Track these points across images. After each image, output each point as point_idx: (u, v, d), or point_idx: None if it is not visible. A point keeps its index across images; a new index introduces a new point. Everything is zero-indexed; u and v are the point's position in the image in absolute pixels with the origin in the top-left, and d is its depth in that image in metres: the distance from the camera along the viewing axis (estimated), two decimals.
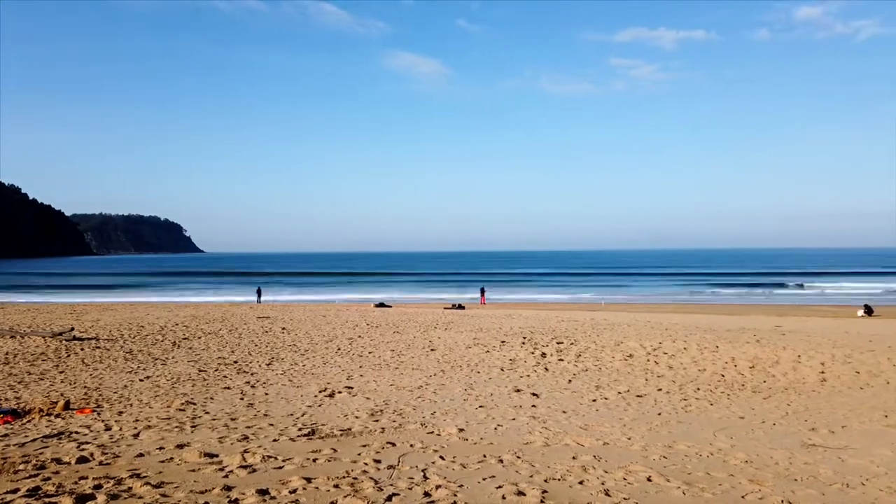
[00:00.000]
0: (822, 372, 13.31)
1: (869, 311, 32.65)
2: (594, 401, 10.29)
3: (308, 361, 14.24)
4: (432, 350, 16.31)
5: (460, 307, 36.50)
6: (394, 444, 7.05)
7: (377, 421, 8.35)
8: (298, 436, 7.39)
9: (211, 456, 6.33)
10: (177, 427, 7.73)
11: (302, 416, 8.66)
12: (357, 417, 8.57)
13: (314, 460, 6.30)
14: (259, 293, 45.47)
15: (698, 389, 11.53)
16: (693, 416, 9.28)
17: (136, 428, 7.63)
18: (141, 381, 11.42)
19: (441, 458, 6.51)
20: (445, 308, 35.69)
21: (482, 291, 44.97)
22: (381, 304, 38.03)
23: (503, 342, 17.64)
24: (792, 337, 19.23)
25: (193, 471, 5.82)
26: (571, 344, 17.24)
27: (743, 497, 5.45)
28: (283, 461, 6.22)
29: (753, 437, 7.95)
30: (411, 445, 7.03)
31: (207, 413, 8.70)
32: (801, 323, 26.04)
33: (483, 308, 37.72)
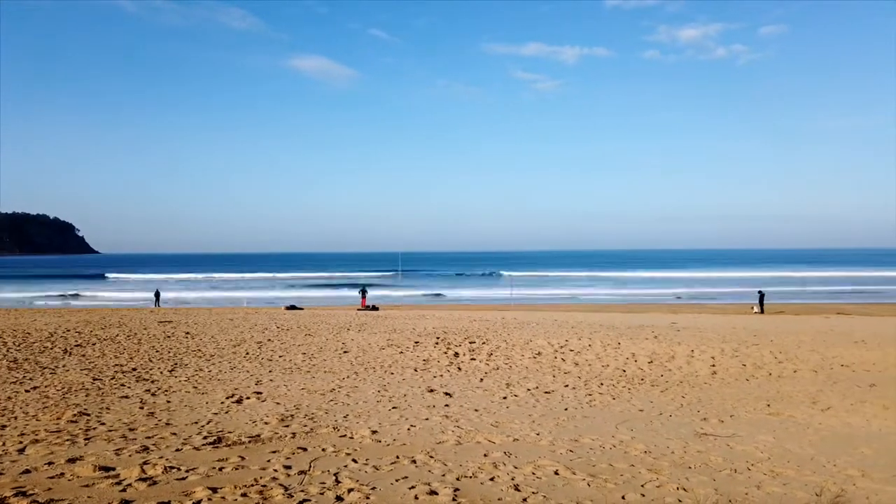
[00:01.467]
0: (713, 365, 14.27)
1: (761, 303, 35.25)
2: (505, 398, 10.54)
3: (214, 367, 13.71)
4: (345, 352, 16.13)
5: (374, 308, 36.30)
6: (305, 449, 6.92)
7: (288, 426, 8.17)
8: (203, 444, 7.11)
9: (107, 469, 5.97)
10: (68, 440, 7.23)
11: (207, 423, 8.33)
12: (266, 423, 8.35)
13: (220, 469, 6.08)
14: (157, 296, 43.13)
15: (602, 384, 12.05)
16: (597, 410, 9.71)
17: (21, 442, 7.06)
18: (27, 391, 10.58)
19: (354, 461, 6.46)
20: (359, 309, 35.38)
21: (363, 293, 40.84)
22: (293, 307, 37.18)
23: (417, 343, 17.72)
24: (686, 333, 20.51)
25: (87, 486, 5.47)
26: (483, 343, 17.57)
27: (642, 486, 5.77)
28: (187, 472, 5.96)
29: (652, 429, 8.42)
30: (323, 449, 6.93)
31: (103, 424, 8.18)
32: (694, 319, 27.80)
33: (399, 309, 37.68)
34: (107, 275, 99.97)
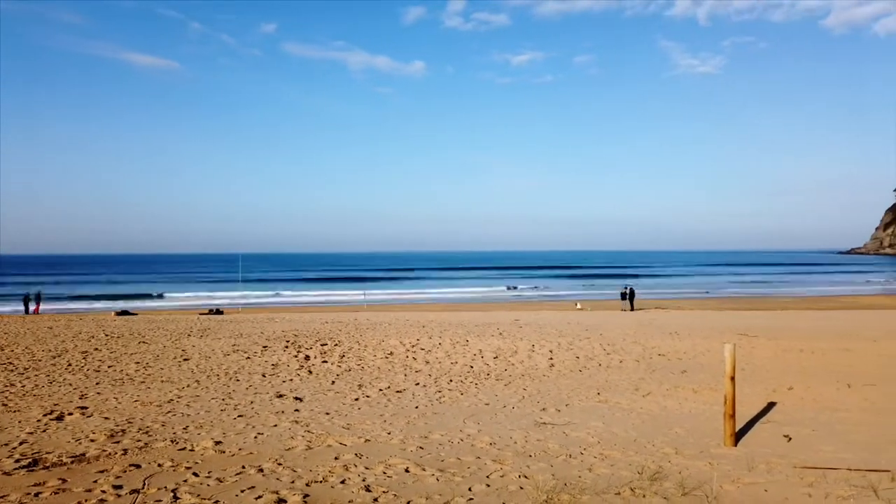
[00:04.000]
0: (551, 359, 15.30)
1: (625, 297, 37.19)
2: (357, 400, 10.51)
3: (28, 381, 12.21)
4: (185, 360, 15.13)
5: (218, 312, 34.42)
6: (139, 466, 6.41)
7: (118, 442, 7.51)
8: (16, 468, 6.32)
9: None
10: None
11: (20, 444, 7.40)
12: (93, 440, 7.60)
13: (37, 495, 5.45)
14: (27, 302, 36.13)
15: (451, 381, 12.44)
16: (446, 406, 10.01)
17: None
18: None
19: (195, 474, 6.10)
20: (201, 314, 33.32)
21: (37, 299, 36.41)
22: (125, 312, 34.16)
23: (265, 347, 17.08)
24: (527, 329, 21.78)
25: None
26: (335, 345, 17.37)
27: (488, 476, 6.06)
28: None
29: (496, 421, 8.85)
30: (159, 465, 6.47)
31: None
32: (534, 316, 29.60)
33: (243, 313, 35.98)
34: None
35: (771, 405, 9.79)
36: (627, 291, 37.21)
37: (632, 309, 35.42)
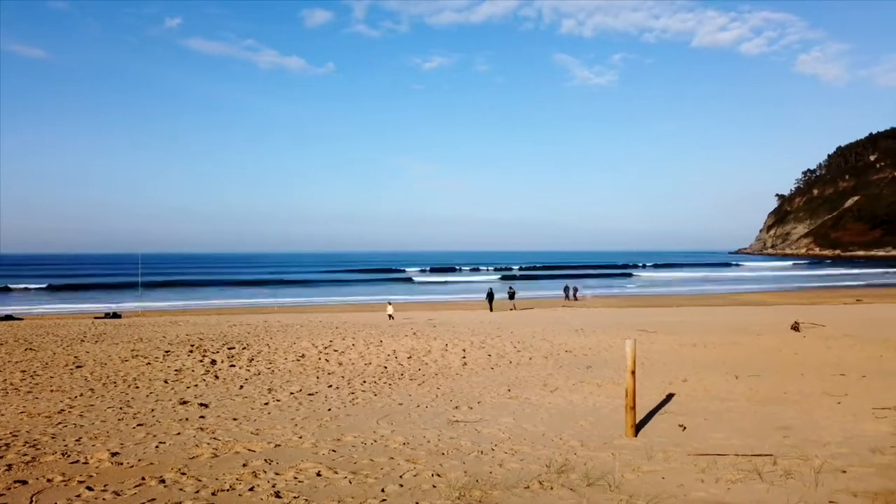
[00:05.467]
0: (464, 357, 15.52)
1: (511, 296, 38.96)
2: (266, 404, 10.23)
3: None
4: (78, 367, 14.15)
5: (116, 316, 32.45)
6: (25, 483, 5.95)
7: (0, 458, 6.92)
8: None
9: None
10: None
11: None
12: None
13: None
14: None
15: (364, 382, 12.36)
16: (359, 407, 9.93)
17: None
18: None
19: (89, 489, 5.73)
20: (96, 318, 31.29)
21: None
22: (8, 317, 31.53)
23: (168, 352, 16.27)
24: (441, 328, 21.98)
25: None
26: (244, 348, 16.81)
27: (401, 476, 6.07)
28: None
29: (410, 421, 8.88)
30: (49, 480, 6.03)
31: None
32: (448, 315, 29.92)
33: (144, 316, 34.11)
34: None
35: (668, 397, 10.40)
36: (489, 293, 37.55)
37: (490, 310, 34.93)
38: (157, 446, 7.44)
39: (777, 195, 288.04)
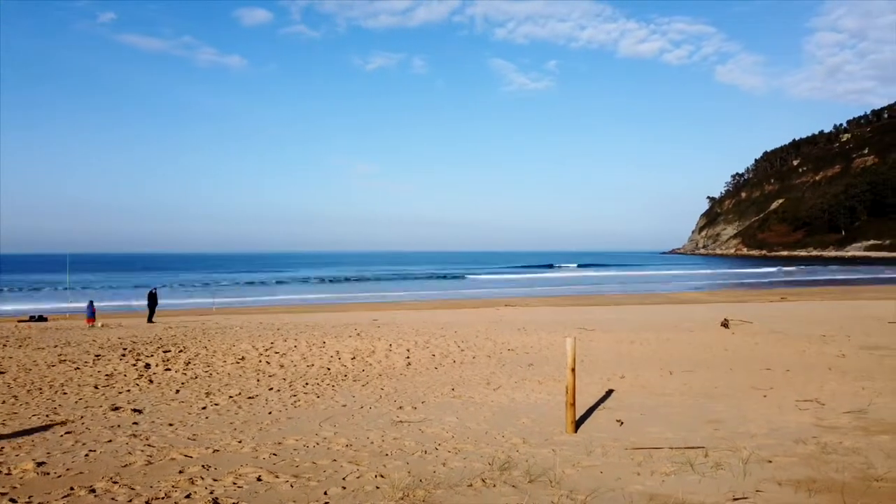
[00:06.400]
0: (408, 357, 15.51)
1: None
2: (204, 408, 9.94)
3: None
4: (0, 373, 13.38)
5: (41, 319, 30.81)
6: None
7: None
8: None
9: None
10: None
11: None
12: None
13: None
14: None
15: (307, 384, 12.17)
16: (301, 410, 9.78)
17: None
18: None
19: (12, 500, 5.44)
20: (20, 321, 29.62)
21: None
22: None
23: (98, 356, 15.57)
24: (385, 329, 21.88)
25: None
26: (180, 351, 16.27)
27: (344, 478, 6.02)
28: None
29: (353, 422, 8.81)
30: None
31: None
32: (392, 315, 29.81)
33: (72, 319, 32.50)
34: None
35: (607, 393, 10.69)
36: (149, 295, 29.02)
37: (149, 320, 27.48)
38: (86, 454, 7.11)
39: (708, 197, 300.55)
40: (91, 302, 28.08)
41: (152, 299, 28.78)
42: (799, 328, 20.52)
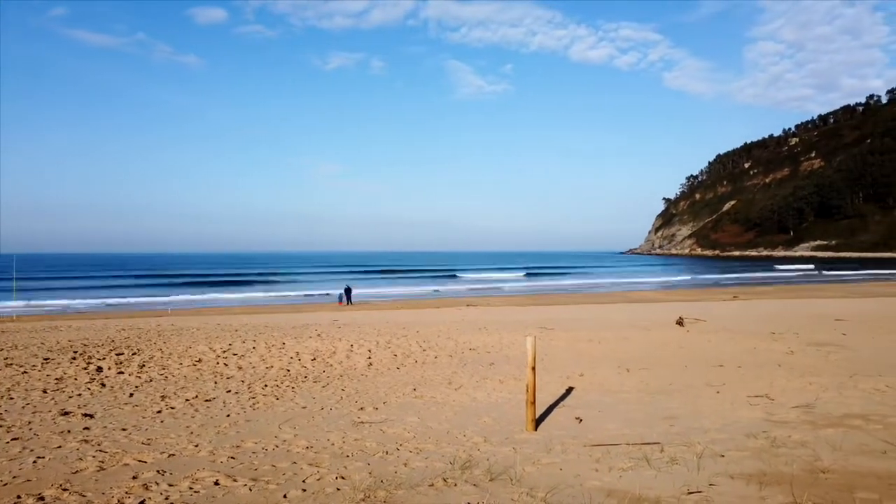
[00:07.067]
0: (370, 358, 15.42)
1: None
2: (159, 412, 9.70)
3: None
4: None
5: None
6: None
7: None
8: None
9: None
10: None
11: None
12: None
13: None
14: None
15: (266, 386, 11.99)
16: (260, 412, 9.63)
17: None
18: None
19: None
20: None
21: None
22: None
23: (47, 360, 15.02)
24: (346, 329, 21.72)
25: None
26: (134, 354, 15.83)
27: (304, 481, 5.96)
28: None
29: (314, 424, 8.72)
30: None
31: None
32: (353, 316, 29.61)
33: (18, 321, 31.29)
34: None
35: (567, 391, 10.85)
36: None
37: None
38: (34, 461, 6.87)
39: (664, 199, 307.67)
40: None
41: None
42: (750, 326, 21.18)
